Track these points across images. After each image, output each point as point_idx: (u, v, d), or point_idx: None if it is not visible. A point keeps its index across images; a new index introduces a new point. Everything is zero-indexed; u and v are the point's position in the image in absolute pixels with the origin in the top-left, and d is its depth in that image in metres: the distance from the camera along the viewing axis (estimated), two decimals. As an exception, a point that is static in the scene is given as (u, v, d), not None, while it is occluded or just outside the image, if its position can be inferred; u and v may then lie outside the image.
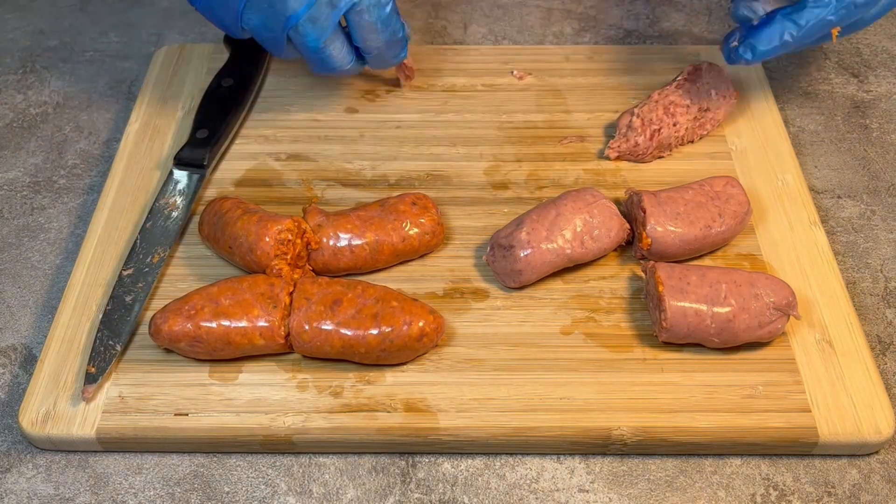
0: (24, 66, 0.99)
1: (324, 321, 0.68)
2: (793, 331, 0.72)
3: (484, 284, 0.76)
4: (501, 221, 0.80)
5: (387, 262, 0.76)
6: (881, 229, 0.83)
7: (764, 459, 0.68)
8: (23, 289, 0.79)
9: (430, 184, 0.84)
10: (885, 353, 0.74)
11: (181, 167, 0.83)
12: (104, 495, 0.66)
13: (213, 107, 0.87)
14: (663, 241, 0.74)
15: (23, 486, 0.67)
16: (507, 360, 0.71)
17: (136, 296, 0.74)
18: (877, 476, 0.67)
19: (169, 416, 0.68)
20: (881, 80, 0.98)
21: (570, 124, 0.89)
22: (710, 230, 0.75)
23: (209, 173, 0.84)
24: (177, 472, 0.68)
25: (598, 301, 0.75)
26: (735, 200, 0.76)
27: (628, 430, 0.67)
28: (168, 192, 0.81)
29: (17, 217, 0.85)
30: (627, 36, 1.02)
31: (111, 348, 0.70)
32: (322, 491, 0.67)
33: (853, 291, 0.78)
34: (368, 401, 0.69)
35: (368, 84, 0.93)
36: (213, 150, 0.83)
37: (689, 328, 0.69)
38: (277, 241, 0.72)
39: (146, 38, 1.03)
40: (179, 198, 0.81)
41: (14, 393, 0.72)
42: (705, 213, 0.75)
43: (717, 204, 0.76)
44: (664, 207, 0.75)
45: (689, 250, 0.75)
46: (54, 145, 0.91)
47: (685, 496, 0.66)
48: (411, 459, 0.68)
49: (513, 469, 0.68)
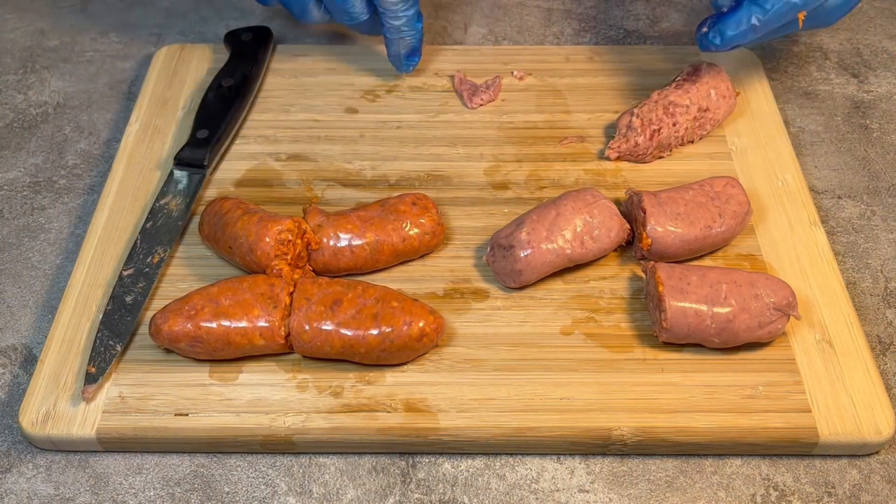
0: (24, 67, 0.99)
1: (324, 321, 0.68)
2: (793, 331, 0.72)
3: (484, 285, 0.76)
4: (501, 222, 0.80)
5: (387, 262, 0.76)
6: (881, 229, 0.83)
7: (764, 460, 0.68)
8: (23, 289, 0.79)
9: (430, 184, 0.84)
10: (885, 353, 0.74)
11: (181, 167, 0.83)
12: (104, 495, 0.66)
13: (213, 107, 0.87)
14: (663, 241, 0.74)
15: (23, 486, 0.67)
16: (507, 361, 0.71)
17: (137, 296, 0.74)
18: (877, 476, 0.67)
19: (169, 416, 0.68)
20: (881, 80, 0.97)
21: (570, 124, 0.89)
22: (711, 230, 0.75)
23: (209, 173, 0.84)
24: (177, 473, 0.68)
25: (599, 301, 0.75)
26: (735, 201, 0.76)
27: (628, 430, 0.67)
28: (168, 192, 0.81)
29: (17, 217, 0.85)
30: (627, 36, 1.02)
31: (111, 348, 0.70)
32: (322, 491, 0.67)
33: (853, 292, 0.78)
34: (368, 401, 0.69)
35: (369, 84, 0.93)
36: (213, 151, 0.83)
37: (690, 328, 0.69)
38: (277, 242, 0.72)
39: (146, 38, 1.03)
40: (180, 198, 0.80)
41: (14, 393, 0.72)
42: (705, 214, 0.75)
43: (717, 204, 0.76)
44: (664, 208, 0.75)
45: (689, 250, 0.75)
46: (54, 145, 0.91)
47: (685, 496, 0.66)
48: (411, 459, 0.68)
49: (513, 469, 0.68)
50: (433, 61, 0.95)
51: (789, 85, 0.97)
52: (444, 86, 0.93)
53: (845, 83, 0.97)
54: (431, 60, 0.95)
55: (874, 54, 1.01)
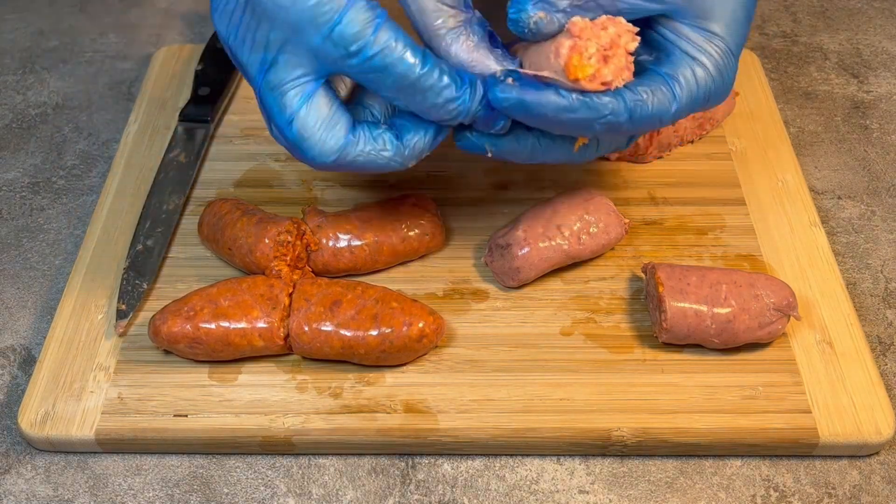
0: (23, 67, 0.99)
1: (323, 322, 0.68)
2: (793, 332, 0.72)
3: (484, 285, 0.76)
4: (501, 222, 0.79)
5: (386, 262, 0.76)
6: (881, 230, 0.83)
7: (764, 460, 0.68)
8: (22, 290, 0.79)
9: (429, 184, 0.84)
10: (886, 353, 0.74)
11: (186, 122, 0.87)
12: (103, 496, 0.66)
13: (212, 65, 0.92)
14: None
15: (22, 487, 0.67)
16: (507, 361, 0.71)
17: (157, 239, 0.77)
18: (877, 477, 0.67)
19: (168, 417, 0.68)
20: (881, 81, 0.97)
21: (569, 125, 0.89)
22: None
23: (213, 128, 0.88)
24: (176, 474, 0.68)
25: (598, 302, 0.75)
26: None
27: (628, 431, 0.67)
28: (176, 146, 0.85)
29: (16, 218, 0.85)
30: (627, 36, 1.02)
31: (138, 287, 0.74)
32: (321, 492, 0.67)
33: (853, 292, 0.78)
34: (368, 402, 0.68)
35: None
36: (215, 106, 0.88)
37: (690, 329, 0.69)
38: (277, 243, 0.72)
39: (146, 38, 1.02)
40: (187, 151, 0.85)
41: (13, 394, 0.72)
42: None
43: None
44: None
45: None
46: (54, 146, 0.91)
47: (685, 497, 0.66)
48: (411, 460, 0.68)
49: (513, 470, 0.68)
50: (433, 61, 0.95)
51: (789, 85, 0.97)
52: (444, 86, 0.93)
53: (845, 83, 0.97)
54: (431, 61, 0.95)
55: (874, 54, 1.01)
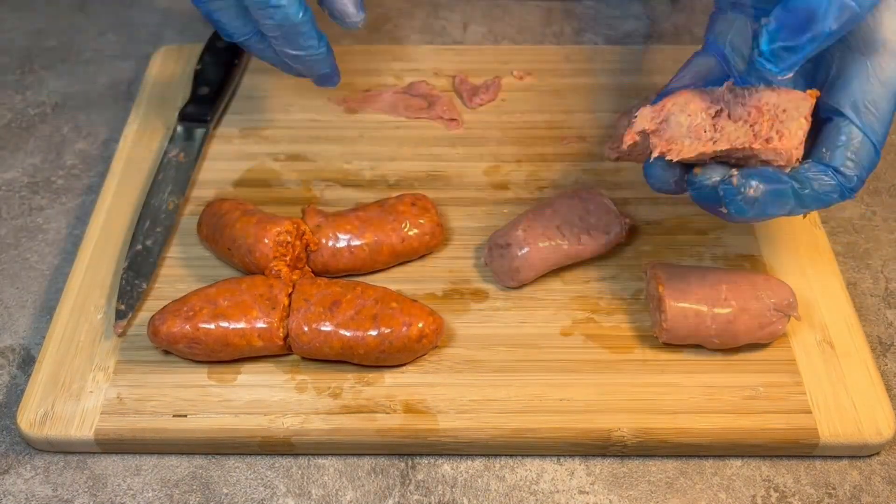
0: (22, 67, 0.99)
1: (323, 322, 0.68)
2: (793, 332, 0.72)
3: (484, 285, 0.76)
4: (501, 222, 0.79)
5: (386, 262, 0.76)
6: (882, 230, 0.83)
7: (764, 461, 0.68)
8: (21, 289, 0.79)
9: (429, 184, 0.84)
10: (886, 353, 0.74)
11: (186, 122, 0.87)
12: (102, 497, 0.66)
13: (211, 65, 0.92)
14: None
15: (21, 487, 0.67)
16: (506, 362, 0.71)
17: (156, 239, 0.77)
18: (877, 477, 0.67)
19: (167, 417, 0.67)
20: (882, 81, 0.97)
21: (570, 124, 0.89)
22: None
23: (212, 128, 0.87)
24: (175, 474, 0.67)
25: (598, 302, 0.75)
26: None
27: (628, 431, 0.67)
28: (175, 146, 0.85)
29: (15, 217, 0.84)
30: (627, 36, 1.02)
31: (137, 287, 0.74)
32: (321, 492, 0.66)
33: (854, 292, 0.78)
34: (368, 402, 0.68)
35: (368, 84, 0.93)
36: (214, 106, 0.88)
37: (690, 329, 0.69)
38: (276, 243, 0.72)
39: (145, 38, 1.02)
40: (186, 151, 0.84)
41: (12, 394, 0.72)
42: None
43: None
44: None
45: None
46: (53, 146, 0.91)
47: (685, 498, 0.66)
48: (411, 461, 0.68)
49: (512, 471, 0.68)
50: (433, 61, 0.95)
51: (789, 85, 0.97)
52: (444, 86, 0.93)
53: (845, 83, 0.97)
54: (431, 60, 0.95)
55: (874, 54, 1.00)
